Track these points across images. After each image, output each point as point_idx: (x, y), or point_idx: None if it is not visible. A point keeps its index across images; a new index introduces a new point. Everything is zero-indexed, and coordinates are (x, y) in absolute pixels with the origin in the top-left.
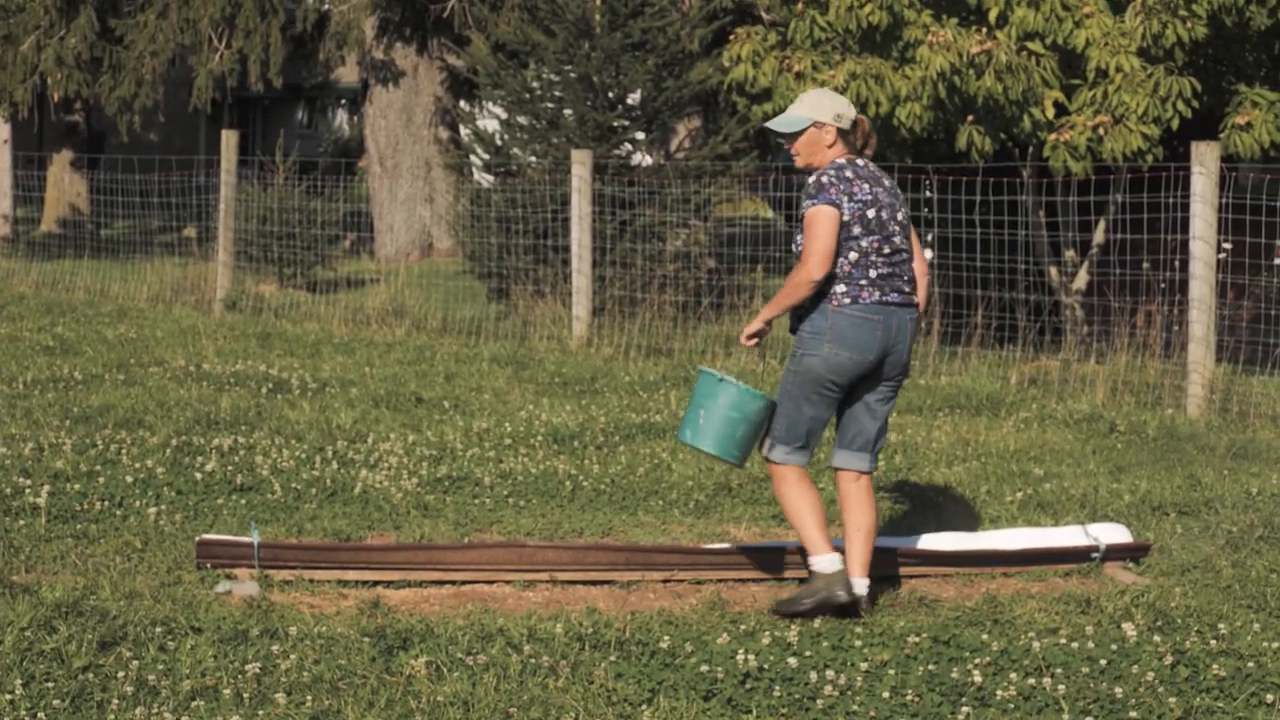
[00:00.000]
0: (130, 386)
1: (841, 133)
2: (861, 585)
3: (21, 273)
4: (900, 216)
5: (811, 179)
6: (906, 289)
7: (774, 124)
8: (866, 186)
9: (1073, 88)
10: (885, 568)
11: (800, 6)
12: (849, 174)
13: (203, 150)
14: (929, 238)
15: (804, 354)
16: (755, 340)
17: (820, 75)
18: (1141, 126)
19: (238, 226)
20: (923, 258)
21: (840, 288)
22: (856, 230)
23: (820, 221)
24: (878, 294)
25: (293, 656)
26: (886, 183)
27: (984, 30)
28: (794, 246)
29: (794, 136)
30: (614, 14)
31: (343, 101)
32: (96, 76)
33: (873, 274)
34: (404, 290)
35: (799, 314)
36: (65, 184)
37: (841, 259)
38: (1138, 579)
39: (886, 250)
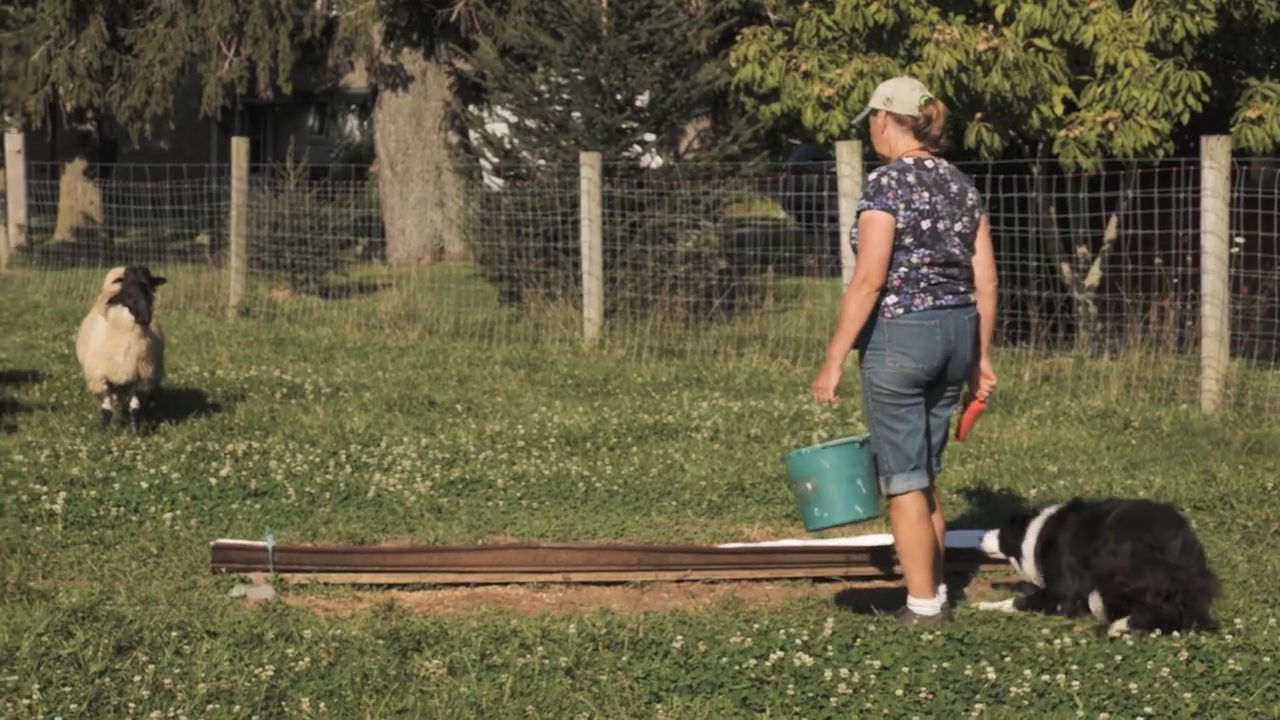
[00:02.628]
0: None
1: (898, 119)
2: (942, 595)
3: (36, 281)
4: (959, 227)
5: (872, 176)
6: (963, 289)
7: (857, 119)
8: (926, 195)
9: (1081, 84)
10: (892, 566)
11: (806, 6)
12: (910, 178)
13: (214, 157)
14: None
15: (871, 375)
16: (832, 394)
17: (828, 74)
18: (1151, 121)
19: (250, 233)
20: (991, 264)
21: (891, 299)
22: (908, 240)
23: (874, 229)
24: (930, 299)
25: (307, 659)
26: (953, 188)
27: (991, 27)
28: (850, 240)
29: (865, 126)
30: (621, 16)
31: (353, 107)
32: (107, 85)
33: (923, 284)
34: (416, 294)
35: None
36: (78, 193)
37: (892, 272)
38: None
39: (940, 262)
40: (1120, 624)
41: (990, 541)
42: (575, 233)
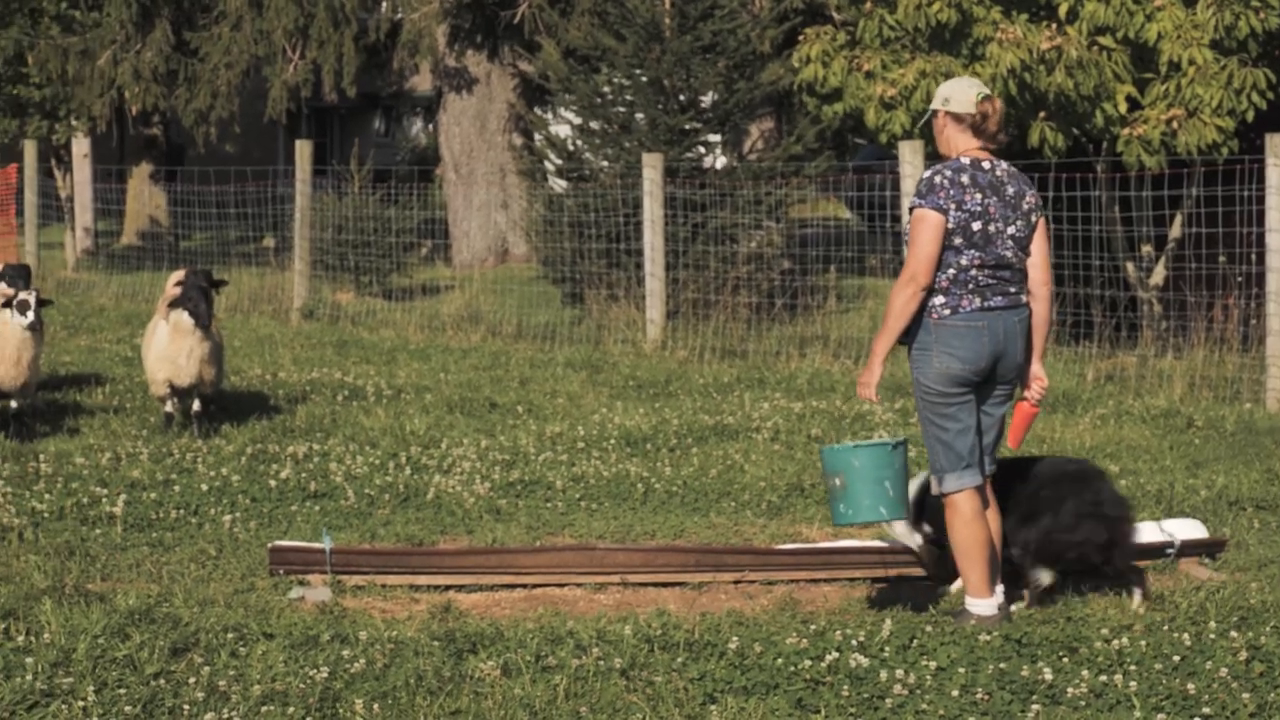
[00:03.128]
0: None
1: (956, 118)
2: (999, 595)
3: (102, 285)
4: (1012, 230)
5: (926, 174)
6: (1014, 290)
7: (920, 122)
8: (979, 196)
9: (1145, 82)
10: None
11: (869, 6)
12: (965, 179)
13: (281, 161)
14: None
15: (919, 374)
16: (874, 391)
17: (890, 74)
18: (1216, 119)
19: (314, 235)
20: (1046, 268)
21: (939, 299)
22: (958, 241)
23: (924, 228)
24: (979, 301)
25: (362, 661)
26: (1009, 190)
27: (1054, 26)
28: (903, 235)
29: (931, 123)
30: (684, 17)
31: (418, 110)
32: (173, 89)
33: (971, 286)
34: (479, 296)
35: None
36: (145, 196)
37: (940, 273)
38: (1213, 575)
39: (990, 264)
40: (1044, 576)
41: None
42: (638, 234)
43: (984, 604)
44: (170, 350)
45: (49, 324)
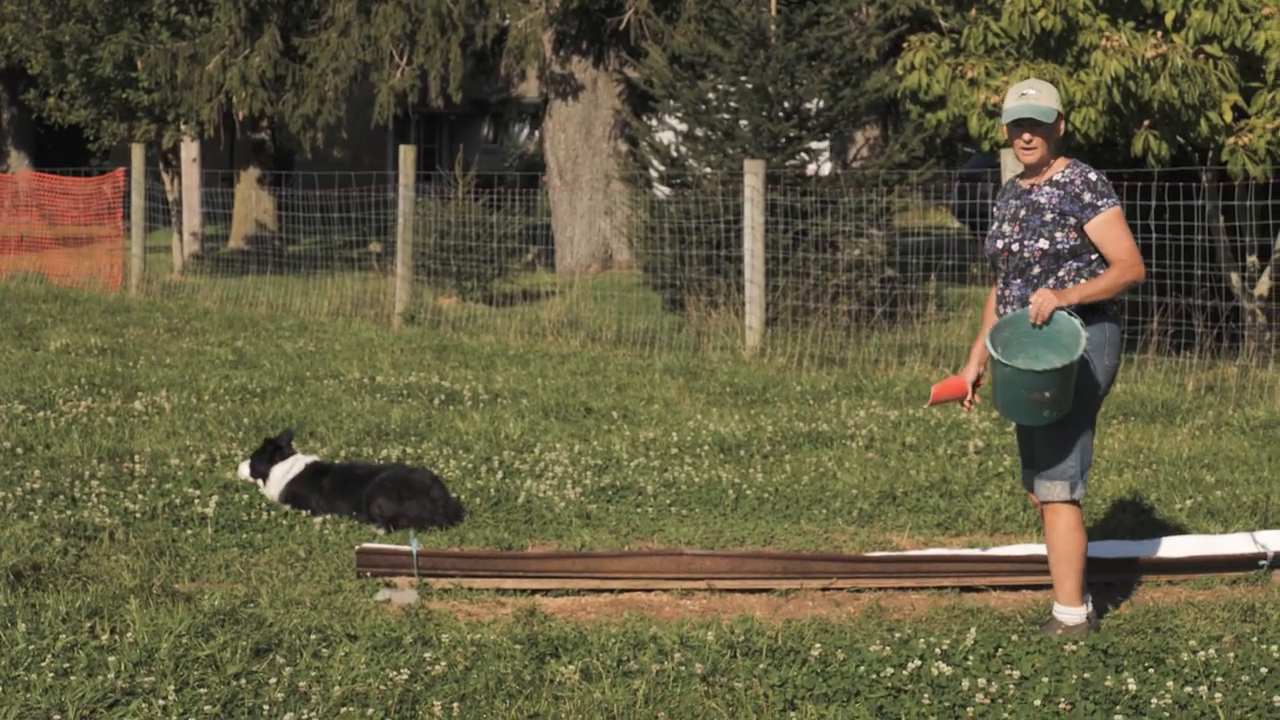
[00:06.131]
0: (305, 398)
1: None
2: (1089, 604)
3: (207, 288)
4: None
5: (1091, 175)
6: None
7: (1031, 111)
8: None
9: (1251, 90)
10: (1044, 575)
11: (974, 13)
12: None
13: (390, 166)
14: None
15: (1087, 374)
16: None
17: (994, 82)
18: None
19: (417, 241)
20: None
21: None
22: None
23: (1120, 221)
24: (1114, 304)
25: (444, 663)
26: None
27: (1159, 34)
28: (1018, 247)
29: (1050, 127)
30: (789, 24)
31: (525, 116)
32: (280, 94)
33: None
34: (580, 302)
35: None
36: (253, 201)
37: (1102, 269)
38: None
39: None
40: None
41: (243, 469)
42: (739, 241)
43: (1074, 613)
44: None
45: (153, 328)
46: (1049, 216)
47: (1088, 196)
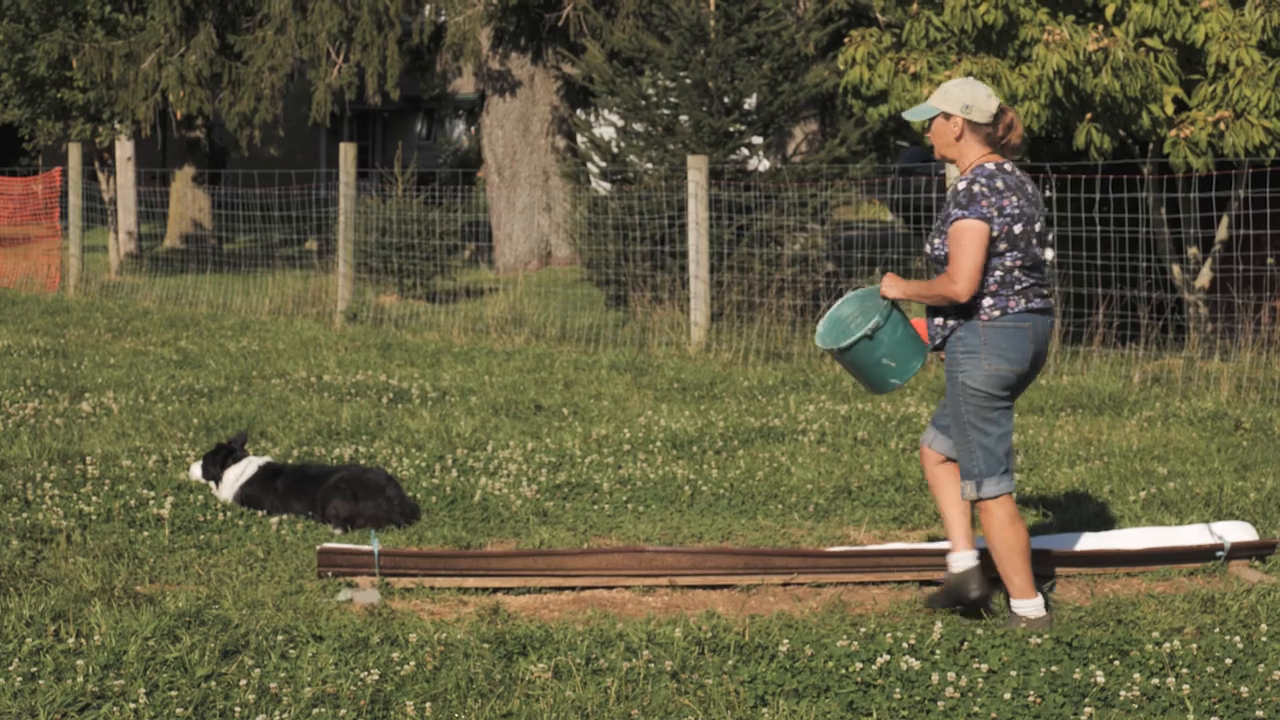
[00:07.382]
0: (253, 398)
1: (973, 125)
2: (1040, 596)
3: (146, 288)
4: (1038, 227)
5: (962, 185)
6: (1045, 293)
7: (909, 112)
8: (1015, 199)
9: (1192, 83)
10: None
11: (915, 7)
12: (1000, 184)
13: (323, 164)
14: (1049, 237)
15: (965, 378)
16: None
17: (936, 76)
18: (1263, 121)
19: (357, 238)
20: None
21: (988, 301)
22: (1003, 247)
23: (971, 237)
24: (1024, 302)
25: (412, 663)
26: (1029, 189)
27: (1101, 27)
28: (930, 249)
29: (927, 125)
30: (728, 19)
31: (461, 112)
32: (216, 93)
33: (1017, 287)
34: (523, 299)
35: (944, 330)
36: (188, 200)
37: (988, 276)
38: (1264, 577)
39: (1028, 264)
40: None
41: (195, 470)
42: (682, 236)
43: (1032, 604)
44: None
45: (94, 328)
46: (939, 221)
47: (952, 206)
